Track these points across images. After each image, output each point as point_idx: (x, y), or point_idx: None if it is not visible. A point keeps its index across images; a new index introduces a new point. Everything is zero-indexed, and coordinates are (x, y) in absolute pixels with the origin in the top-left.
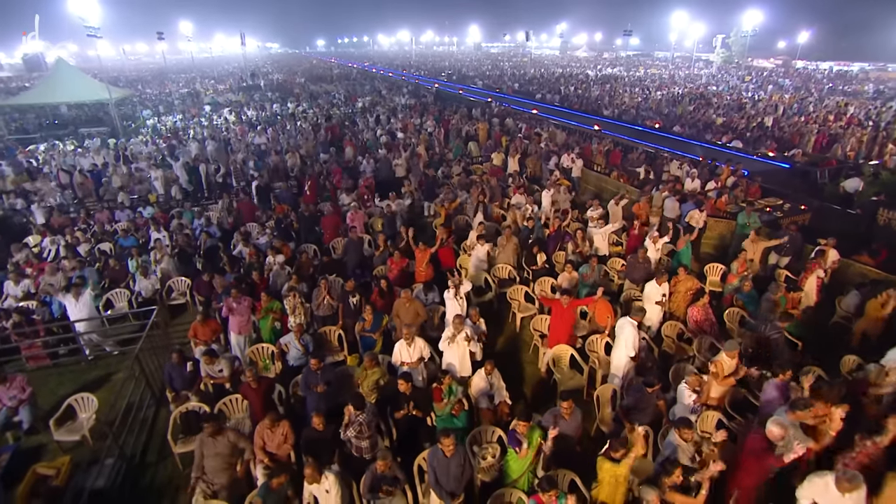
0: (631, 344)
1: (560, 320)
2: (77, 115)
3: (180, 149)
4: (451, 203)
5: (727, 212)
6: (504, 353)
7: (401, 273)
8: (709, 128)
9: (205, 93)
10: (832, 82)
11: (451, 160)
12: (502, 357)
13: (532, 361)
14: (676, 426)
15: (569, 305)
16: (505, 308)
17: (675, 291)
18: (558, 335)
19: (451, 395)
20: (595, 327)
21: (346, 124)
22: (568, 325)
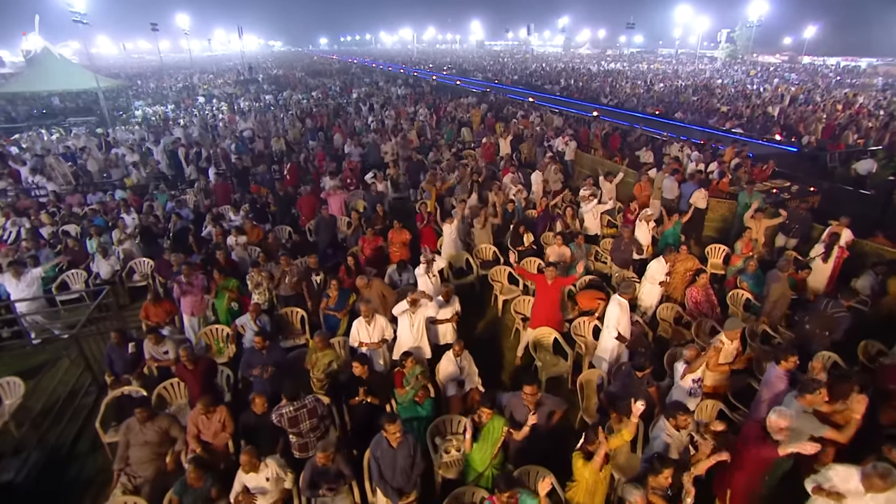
0: (614, 323)
1: (544, 299)
2: (67, 106)
3: (165, 136)
4: (442, 184)
5: (729, 193)
6: (484, 337)
7: (374, 252)
8: (712, 114)
9: (201, 86)
10: (840, 76)
11: (443, 146)
12: (482, 342)
13: (513, 347)
14: (669, 414)
15: (554, 283)
16: (487, 291)
17: (674, 271)
18: (542, 316)
19: (413, 380)
20: (587, 308)
21: (337, 113)
22: (553, 305)
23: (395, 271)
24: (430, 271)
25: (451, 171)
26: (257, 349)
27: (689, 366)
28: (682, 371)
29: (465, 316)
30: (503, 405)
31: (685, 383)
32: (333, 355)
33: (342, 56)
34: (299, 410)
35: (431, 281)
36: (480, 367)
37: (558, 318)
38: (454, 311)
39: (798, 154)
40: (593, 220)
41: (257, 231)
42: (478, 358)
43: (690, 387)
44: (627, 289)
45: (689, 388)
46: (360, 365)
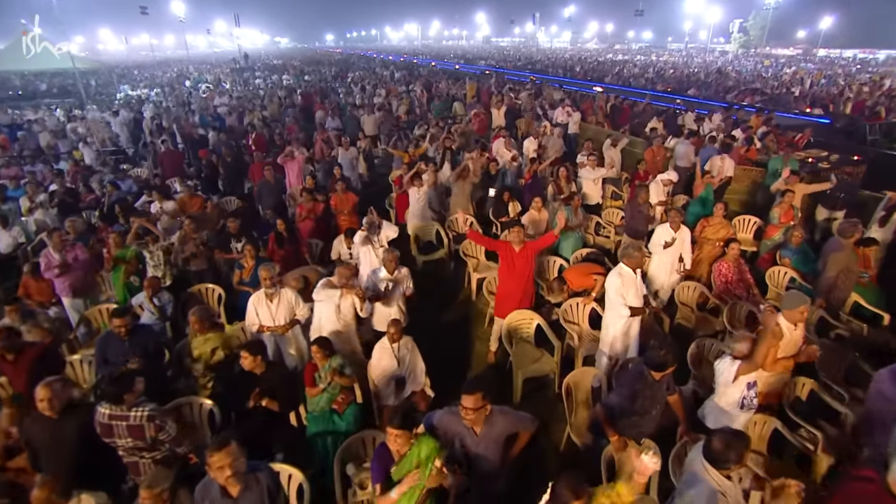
0: (617, 299)
1: (511, 274)
2: (48, 89)
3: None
4: (415, 150)
5: (756, 162)
6: (451, 326)
7: (317, 222)
8: (730, 90)
9: (194, 74)
10: (859, 66)
11: (431, 120)
12: (449, 332)
13: (486, 337)
14: (718, 456)
15: (524, 250)
16: (462, 268)
17: (703, 239)
18: (510, 298)
19: (329, 377)
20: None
21: (325, 93)
22: (523, 281)
23: (342, 242)
24: (375, 241)
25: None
26: (115, 334)
27: (745, 363)
28: (733, 371)
29: (434, 299)
30: (433, 427)
31: (734, 391)
32: (218, 341)
33: (346, 50)
34: (116, 420)
35: (377, 253)
36: (444, 364)
37: (531, 294)
38: (402, 291)
39: (831, 126)
40: (594, 186)
41: (196, 200)
42: (443, 353)
43: (743, 396)
44: (633, 254)
45: (740, 398)
46: (249, 355)
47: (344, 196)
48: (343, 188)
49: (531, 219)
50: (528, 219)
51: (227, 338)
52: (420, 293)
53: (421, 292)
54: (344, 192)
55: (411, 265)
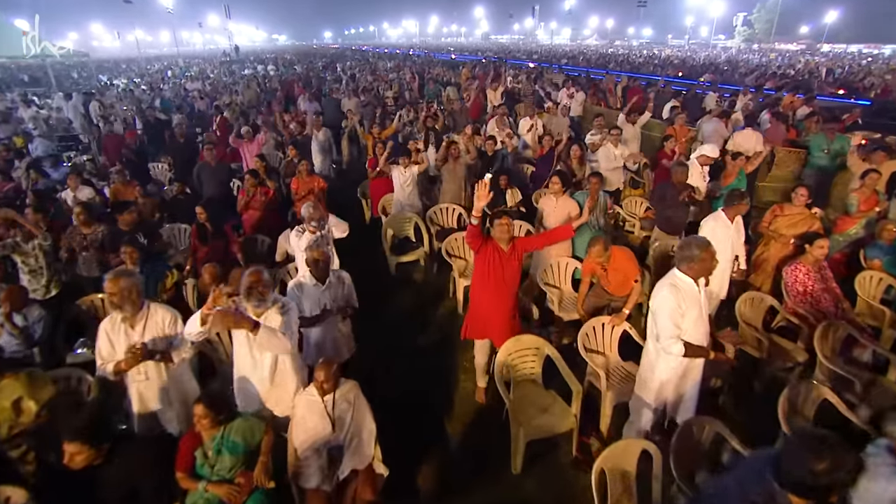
0: (669, 323)
1: (491, 282)
2: (20, 77)
3: None
4: (380, 130)
5: (794, 143)
6: (426, 350)
7: (263, 211)
8: (747, 74)
9: (180, 67)
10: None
11: (421, 104)
12: (419, 360)
13: (473, 370)
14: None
15: (512, 249)
16: (445, 273)
17: (771, 234)
18: (492, 315)
19: (219, 457)
20: (601, 301)
21: (309, 81)
22: (510, 292)
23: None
24: (319, 240)
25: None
26: None
27: None
28: None
29: (406, 313)
30: None
31: None
32: (19, 388)
33: (343, 46)
34: None
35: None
36: (412, 411)
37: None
38: (346, 307)
39: (872, 108)
40: (615, 169)
41: (132, 189)
42: (411, 392)
43: None
44: (698, 254)
45: None
46: (74, 444)
47: (308, 180)
48: (307, 170)
49: (545, 206)
50: (542, 206)
51: (36, 381)
52: (390, 306)
53: (391, 304)
54: (308, 175)
55: (381, 270)
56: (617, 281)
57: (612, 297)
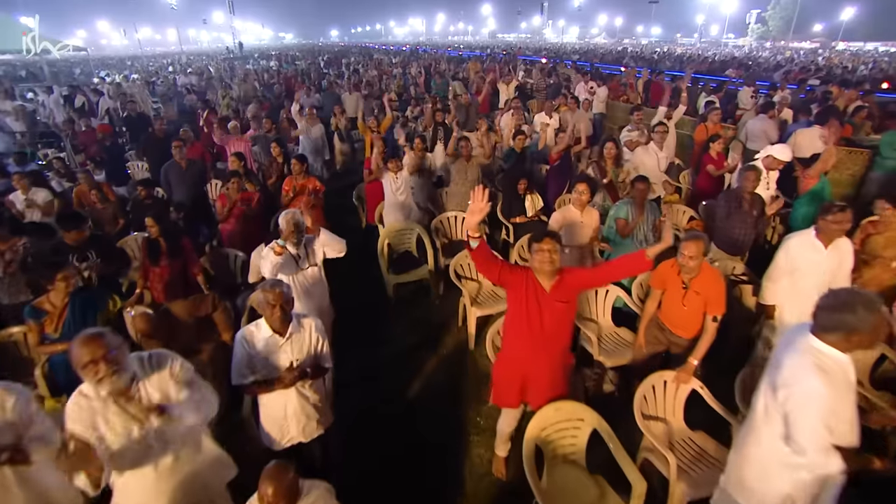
0: (814, 421)
1: (530, 330)
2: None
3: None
4: (376, 123)
5: (849, 140)
6: (429, 399)
7: (243, 219)
8: (774, 70)
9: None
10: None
11: (427, 100)
12: (420, 413)
13: (491, 426)
14: None
15: (560, 285)
16: (454, 297)
17: (866, 257)
18: (527, 375)
19: None
20: (657, 344)
21: (309, 75)
22: (554, 343)
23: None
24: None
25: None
26: None
27: None
28: None
29: (404, 348)
30: None
31: None
32: None
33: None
34: None
35: (298, 282)
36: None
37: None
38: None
39: None
40: (658, 173)
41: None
42: (409, 453)
43: None
44: (861, 322)
45: None
46: None
47: (303, 181)
48: (302, 169)
49: (567, 220)
50: (563, 220)
51: None
52: (384, 337)
53: (385, 335)
54: (303, 175)
55: (376, 289)
56: (691, 310)
57: (673, 337)
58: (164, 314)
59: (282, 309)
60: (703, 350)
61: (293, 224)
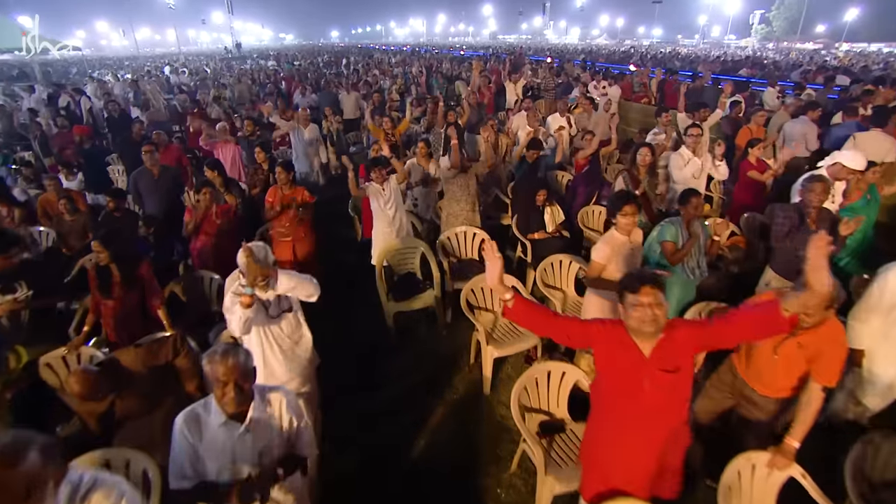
0: None
1: (615, 408)
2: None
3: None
4: (392, 126)
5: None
6: (436, 460)
7: (218, 236)
8: (793, 68)
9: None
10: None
11: (429, 100)
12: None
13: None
14: None
15: (667, 344)
16: (464, 330)
17: None
18: (627, 466)
19: None
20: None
21: (306, 75)
22: (662, 427)
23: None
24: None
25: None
26: None
27: None
28: None
29: (405, 392)
30: None
31: None
32: None
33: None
34: None
35: (269, 335)
36: None
37: (679, 467)
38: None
39: None
40: (696, 182)
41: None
42: None
43: None
44: None
45: None
46: None
47: (289, 192)
48: (288, 178)
49: (616, 249)
50: (610, 250)
51: None
52: (381, 377)
53: (383, 375)
54: (289, 184)
55: (374, 317)
56: (785, 364)
57: (748, 391)
58: (109, 367)
59: (237, 387)
60: (805, 428)
61: (255, 262)
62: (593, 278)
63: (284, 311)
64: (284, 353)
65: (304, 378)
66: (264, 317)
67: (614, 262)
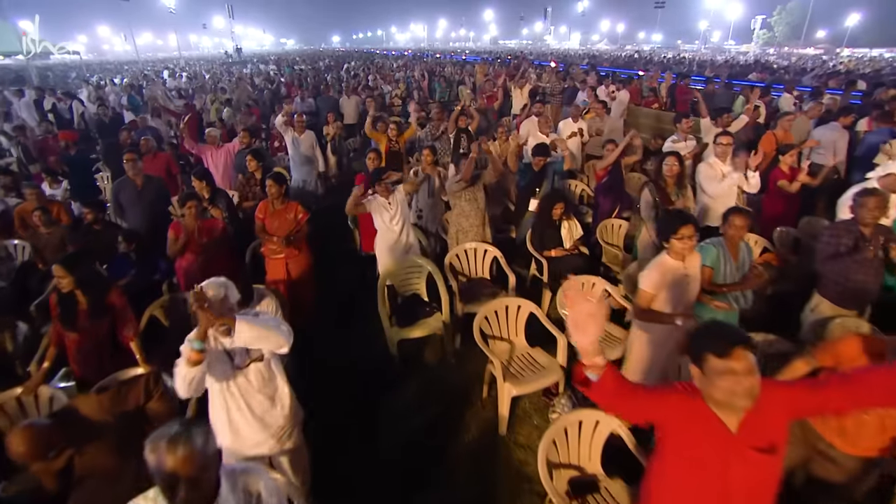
0: None
1: (689, 487)
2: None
3: None
4: (398, 132)
5: None
6: None
7: (203, 255)
8: (803, 72)
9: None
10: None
11: (432, 105)
12: None
13: None
14: None
15: (761, 411)
16: (475, 359)
17: None
18: None
19: None
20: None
21: (305, 80)
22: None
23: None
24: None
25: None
26: None
27: None
28: None
29: (410, 430)
30: None
31: None
32: None
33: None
34: None
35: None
36: None
37: None
38: None
39: None
40: (728, 193)
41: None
42: None
43: None
44: None
45: None
46: None
47: (281, 206)
48: (280, 192)
49: (668, 277)
50: (661, 279)
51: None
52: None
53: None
54: (281, 199)
55: (375, 344)
56: (877, 419)
57: (824, 446)
58: (65, 419)
59: (190, 485)
60: None
61: (207, 309)
62: (642, 311)
63: (255, 360)
64: (255, 413)
65: (284, 438)
66: (228, 368)
67: (665, 291)
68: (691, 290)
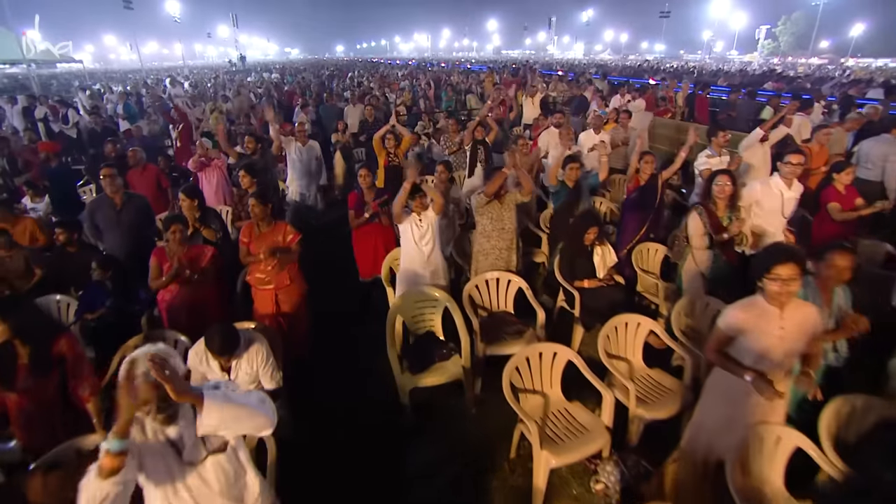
0: None
1: None
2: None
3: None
4: (395, 144)
5: None
6: None
7: (191, 285)
8: (823, 80)
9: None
10: None
11: (440, 115)
12: None
13: None
14: None
15: None
16: (498, 407)
17: None
18: None
19: None
20: None
21: (309, 88)
22: None
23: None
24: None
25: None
26: None
27: None
28: None
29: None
30: None
31: None
32: None
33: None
34: None
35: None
36: None
37: None
38: None
39: None
40: (779, 218)
41: (22, 223)
42: None
43: None
44: None
45: None
46: None
47: (268, 231)
48: (265, 213)
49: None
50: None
51: None
52: (396, 483)
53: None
54: (267, 220)
55: (383, 390)
56: None
57: None
58: None
59: None
60: None
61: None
62: (711, 350)
63: (215, 451)
64: None
65: None
66: (174, 465)
67: (746, 339)
68: (783, 349)
